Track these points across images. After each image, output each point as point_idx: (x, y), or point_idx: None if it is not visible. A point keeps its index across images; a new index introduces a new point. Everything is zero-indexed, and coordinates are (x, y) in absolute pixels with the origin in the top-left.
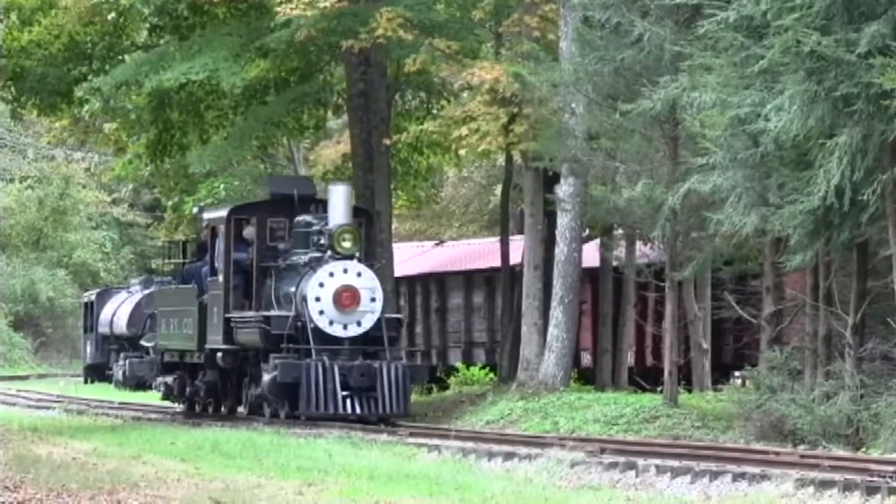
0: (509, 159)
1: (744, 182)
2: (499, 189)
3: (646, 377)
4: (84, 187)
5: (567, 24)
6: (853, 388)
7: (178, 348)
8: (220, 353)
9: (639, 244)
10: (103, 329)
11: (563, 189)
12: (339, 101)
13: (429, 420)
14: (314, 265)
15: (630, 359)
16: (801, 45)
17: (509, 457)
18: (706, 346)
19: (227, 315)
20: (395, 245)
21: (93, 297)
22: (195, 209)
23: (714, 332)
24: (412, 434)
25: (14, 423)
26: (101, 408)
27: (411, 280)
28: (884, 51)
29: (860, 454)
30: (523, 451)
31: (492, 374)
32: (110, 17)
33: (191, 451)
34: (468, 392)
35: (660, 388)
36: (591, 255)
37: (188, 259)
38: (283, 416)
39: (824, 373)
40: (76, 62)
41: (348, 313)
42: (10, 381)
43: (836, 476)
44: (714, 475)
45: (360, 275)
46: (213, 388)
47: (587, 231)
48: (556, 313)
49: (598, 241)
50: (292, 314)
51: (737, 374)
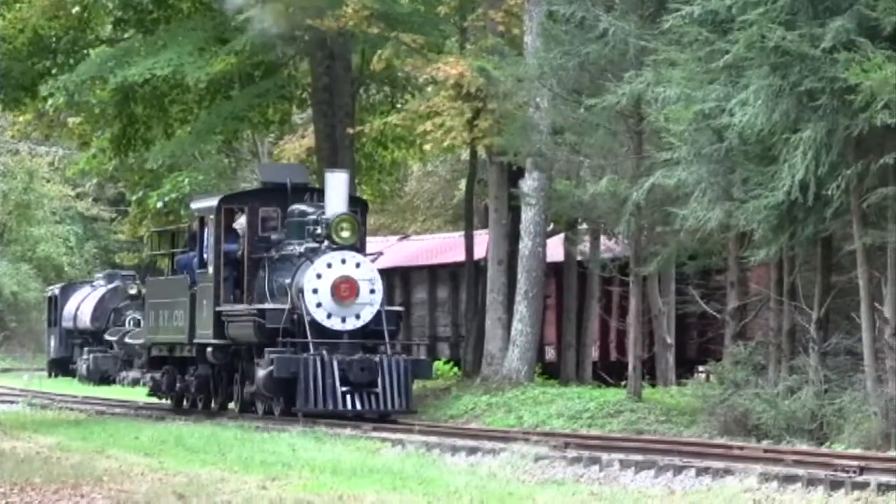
0: (474, 154)
1: (708, 177)
2: (463, 184)
3: (610, 372)
4: (48, 181)
5: (532, 19)
6: (817, 383)
7: (167, 341)
8: (210, 348)
9: (603, 239)
10: (67, 323)
11: (528, 184)
12: (304, 96)
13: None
14: (311, 256)
15: (594, 353)
16: (766, 39)
17: (473, 451)
18: (670, 340)
19: (217, 308)
20: None
21: (56, 292)
22: (189, 201)
23: (678, 326)
24: (376, 429)
25: None
26: (64, 402)
27: None
28: (848, 46)
29: (824, 449)
30: (487, 445)
31: (456, 369)
32: (75, 11)
33: (154, 446)
34: (432, 387)
35: (624, 383)
36: (555, 250)
37: (180, 249)
38: (277, 413)
39: (788, 367)
40: (40, 56)
41: (347, 306)
42: None
43: (800, 471)
44: (678, 470)
45: (358, 266)
46: (204, 383)
47: (551, 225)
48: (521, 308)
49: (562, 235)
50: (288, 307)
51: (701, 368)
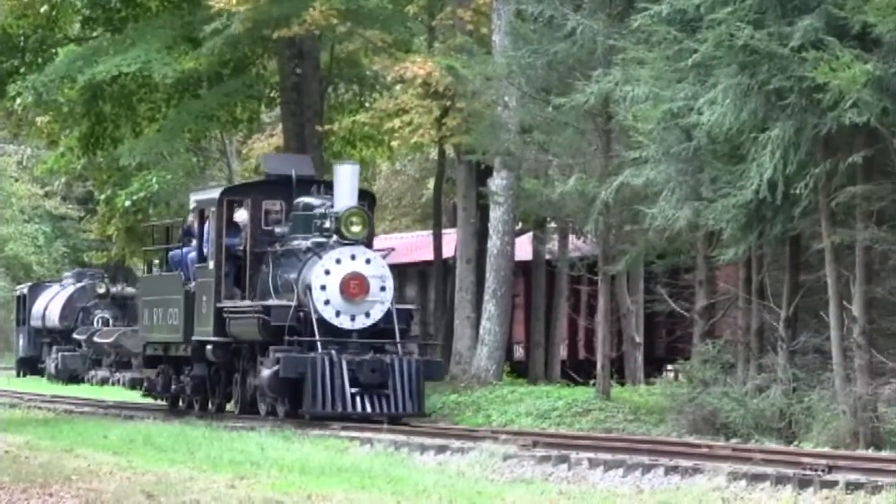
0: (442, 153)
1: (677, 176)
2: (432, 182)
3: (578, 370)
4: (16, 180)
5: (500, 18)
6: (785, 382)
7: (161, 340)
8: (210, 346)
9: (572, 238)
10: (36, 322)
11: (496, 182)
12: (273, 94)
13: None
14: (318, 251)
15: (563, 352)
16: (735, 38)
17: (442, 450)
18: (639, 339)
19: (218, 305)
20: None
21: (25, 291)
22: (191, 195)
23: (647, 325)
24: (344, 428)
25: None
26: (33, 401)
27: None
28: (817, 45)
29: (792, 447)
30: (456, 444)
31: None
32: (43, 10)
33: (123, 445)
34: None
35: (592, 382)
36: (523, 249)
37: (173, 245)
38: (281, 414)
39: (757, 366)
40: (8, 55)
41: (356, 303)
42: None
43: (769, 469)
44: (646, 468)
45: (368, 262)
46: (200, 383)
47: (520, 224)
48: (489, 307)
49: (530, 234)
50: (294, 304)
51: (669, 367)
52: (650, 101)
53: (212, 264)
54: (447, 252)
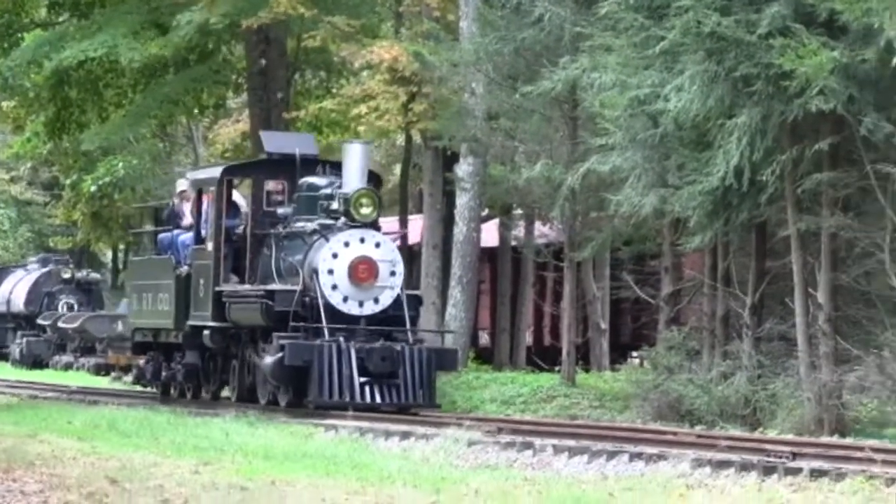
0: (408, 139)
1: (643, 163)
2: (398, 168)
3: (544, 357)
4: None
5: (467, 4)
6: (750, 369)
7: (151, 326)
8: (207, 332)
9: (538, 224)
10: (0, 307)
11: (463, 168)
12: (239, 80)
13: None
14: (326, 233)
15: (528, 338)
16: (702, 25)
17: (406, 436)
18: (604, 326)
19: (217, 288)
20: None
21: None
22: (186, 173)
23: (612, 312)
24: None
25: None
26: None
27: None
28: (784, 32)
29: (757, 434)
30: (420, 430)
31: None
32: None
33: (87, 430)
34: None
35: (558, 368)
36: (490, 235)
37: (161, 227)
38: (284, 403)
39: (722, 353)
40: None
41: (365, 289)
42: None
43: (733, 456)
44: (611, 455)
45: (378, 245)
46: (193, 371)
47: (486, 211)
48: (455, 293)
49: (497, 220)
50: (299, 288)
51: (635, 354)
52: (617, 88)
53: (210, 246)
54: (413, 238)
